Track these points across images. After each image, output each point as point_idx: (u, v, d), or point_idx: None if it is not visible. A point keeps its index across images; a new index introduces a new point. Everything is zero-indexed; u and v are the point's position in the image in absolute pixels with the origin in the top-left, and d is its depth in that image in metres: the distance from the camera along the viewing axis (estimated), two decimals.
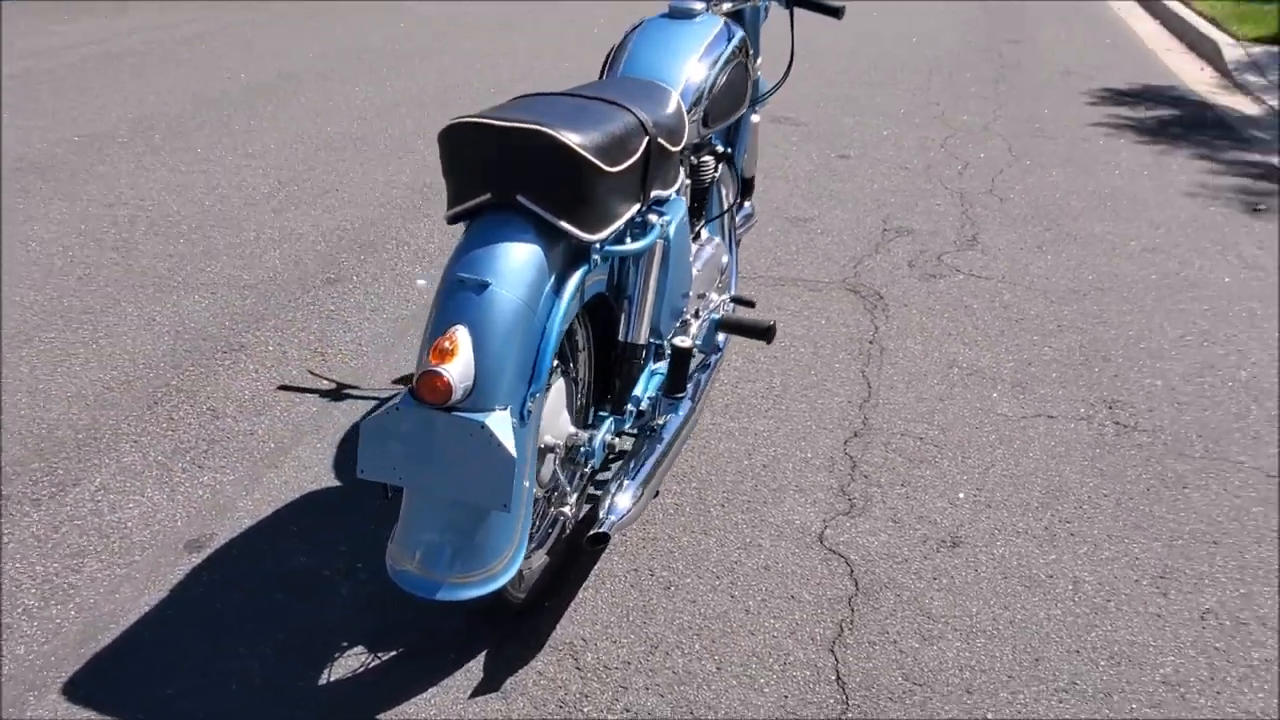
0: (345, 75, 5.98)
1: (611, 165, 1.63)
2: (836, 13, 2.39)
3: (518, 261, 1.57)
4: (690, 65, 2.15)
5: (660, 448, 1.91)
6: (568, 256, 1.68)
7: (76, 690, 1.70)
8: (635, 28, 2.30)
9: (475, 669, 1.78)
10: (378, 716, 1.68)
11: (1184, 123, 5.54)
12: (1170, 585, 2.05)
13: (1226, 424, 2.63)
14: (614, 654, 1.83)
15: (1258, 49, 7.21)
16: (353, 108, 5.28)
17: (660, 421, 1.97)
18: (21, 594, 1.92)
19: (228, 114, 5.11)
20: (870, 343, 3.00)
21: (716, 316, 2.28)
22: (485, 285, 1.54)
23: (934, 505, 2.28)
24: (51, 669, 1.75)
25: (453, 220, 1.67)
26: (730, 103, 2.29)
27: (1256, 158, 4.94)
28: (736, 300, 2.55)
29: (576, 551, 2.01)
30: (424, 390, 1.48)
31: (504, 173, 1.60)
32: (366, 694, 1.73)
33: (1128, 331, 3.11)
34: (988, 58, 7.02)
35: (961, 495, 2.32)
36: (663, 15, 2.32)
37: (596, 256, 1.71)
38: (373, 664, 1.79)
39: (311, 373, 2.73)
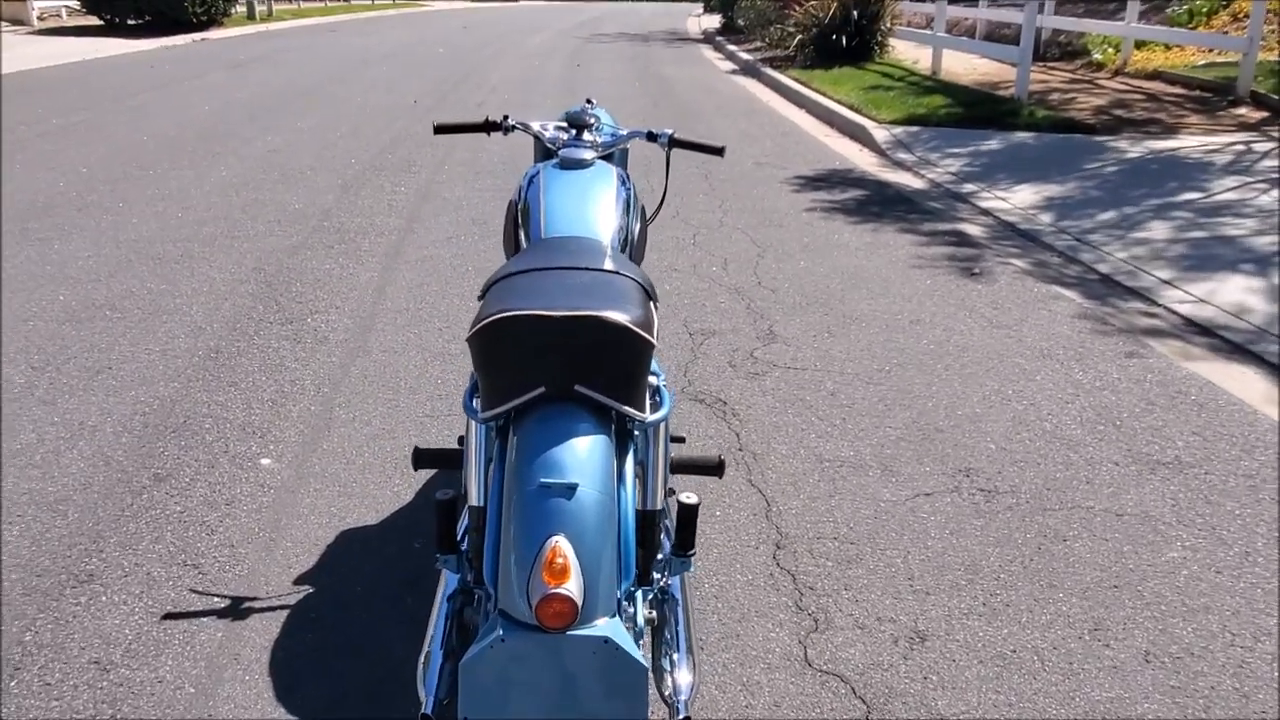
0: (32, 235, 5.27)
1: (652, 337, 1.56)
2: (719, 151, 2.45)
3: (592, 455, 1.46)
4: (610, 218, 2.11)
5: (682, 609, 1.83)
6: (620, 437, 1.58)
7: None
8: (531, 180, 2.23)
9: None
10: None
11: (876, 201, 6.19)
12: (1108, 636, 2.24)
13: (1060, 474, 2.93)
14: None
15: (898, 129, 8.23)
16: (71, 268, 4.66)
17: (670, 582, 1.89)
18: None
19: None
20: (740, 451, 3.06)
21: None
22: (573, 488, 1.41)
23: (883, 603, 2.35)
24: None
25: (493, 418, 1.53)
26: (643, 245, 2.28)
27: (945, 226, 5.62)
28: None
29: None
30: (548, 616, 1.32)
31: (558, 363, 1.49)
32: None
33: (941, 402, 3.40)
34: (684, 156, 7.47)
35: (899, 588, 2.41)
36: (555, 166, 2.27)
37: (638, 432, 1.63)
38: None
39: (195, 591, 2.34)
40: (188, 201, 5.94)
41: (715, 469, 2.21)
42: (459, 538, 1.81)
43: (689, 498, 1.85)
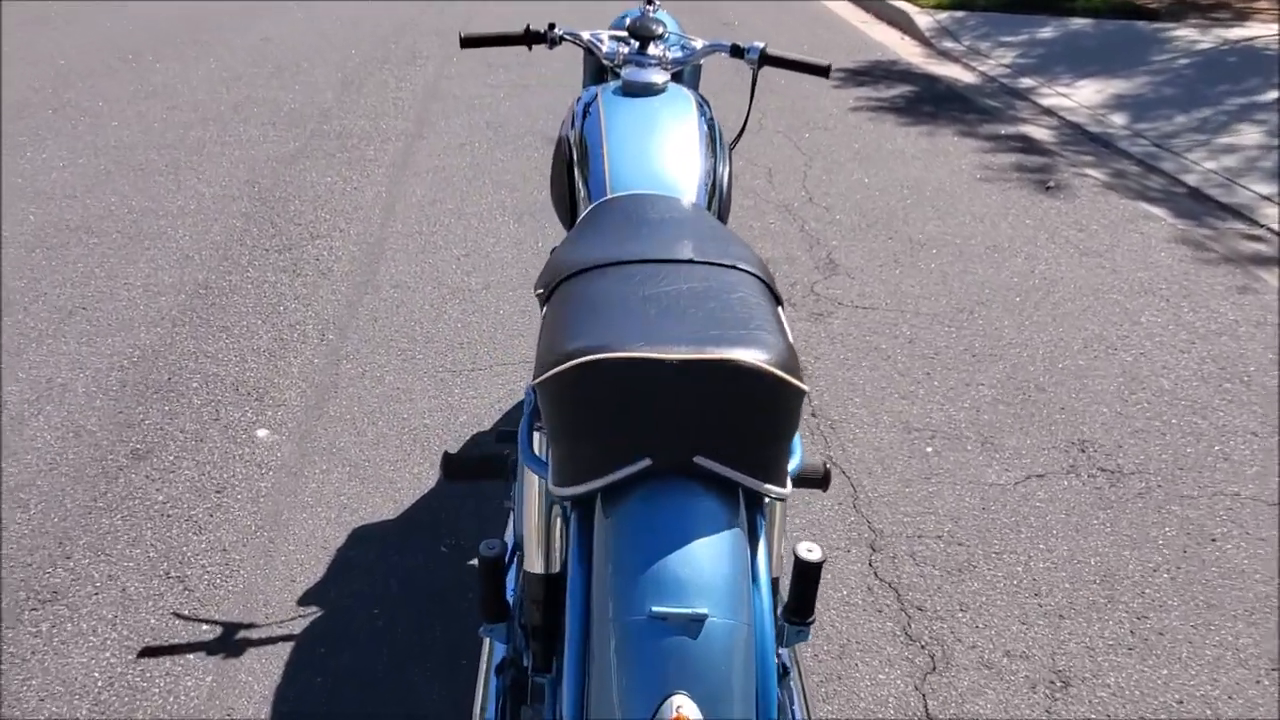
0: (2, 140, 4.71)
1: (802, 380, 1.07)
2: (824, 71, 1.91)
3: (722, 562, 0.99)
4: (693, 163, 1.60)
5: (799, 688, 1.40)
6: (750, 521, 1.11)
7: None
8: (587, 110, 1.71)
9: None
10: None
11: (926, 99, 5.56)
12: None
13: (1191, 448, 2.47)
14: None
15: (942, 15, 7.49)
16: (43, 181, 4.12)
17: (781, 653, 1.44)
18: None
19: None
20: (814, 416, 2.59)
21: None
22: (700, 620, 0.94)
23: (1010, 630, 1.92)
24: None
25: (574, 496, 1.06)
26: (730, 194, 1.77)
27: (1007, 129, 5.02)
28: None
29: None
30: None
31: (673, 426, 1.01)
32: None
33: (1037, 351, 2.91)
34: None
35: (1026, 608, 1.97)
36: (616, 91, 1.74)
37: (769, 499, 1.16)
38: None
39: (179, 616, 1.92)
40: (174, 99, 5.33)
41: (820, 482, 1.75)
42: (509, 601, 1.37)
43: (810, 551, 1.38)
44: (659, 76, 1.74)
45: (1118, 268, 3.46)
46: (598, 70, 2.05)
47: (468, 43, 1.90)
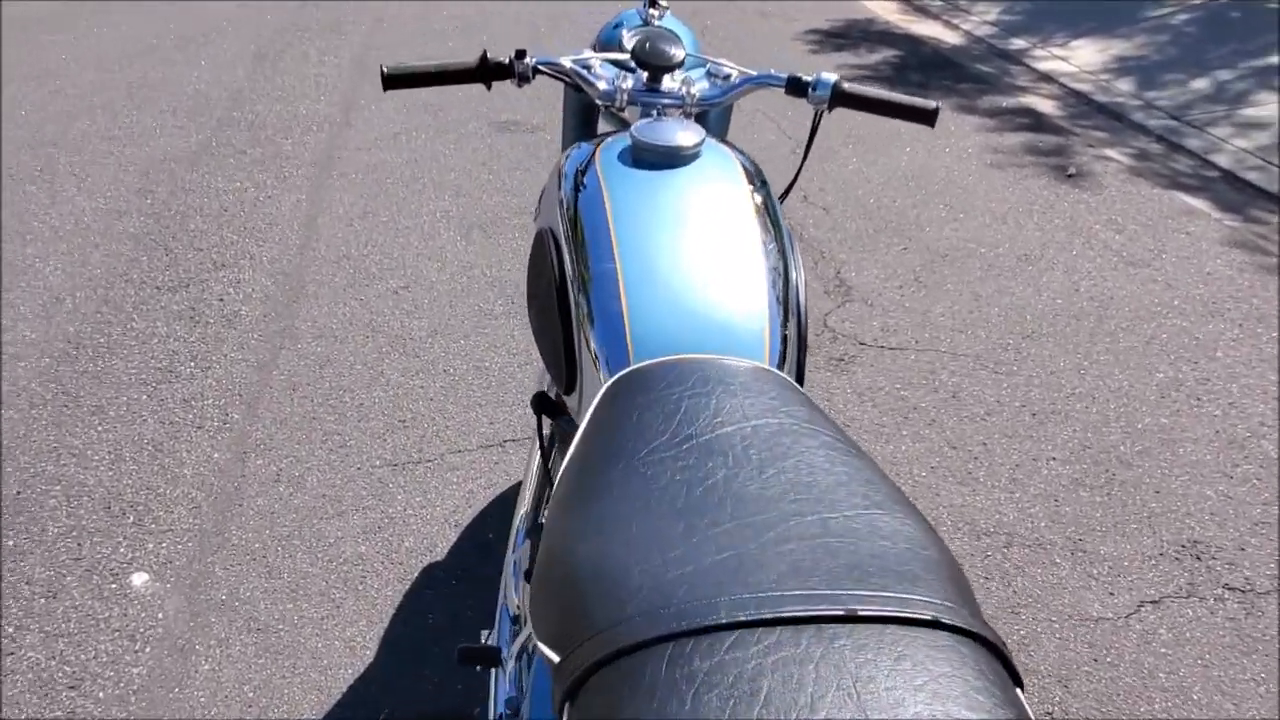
0: None
1: None
2: (928, 117, 1.29)
3: None
4: (757, 284, 1.00)
5: None
6: None
7: None
8: (580, 185, 1.08)
9: None
10: None
11: (913, 65, 4.94)
12: None
13: None
14: None
15: None
16: None
17: None
18: None
19: None
20: None
21: None
22: None
23: None
24: None
25: None
26: (807, 309, 1.15)
27: (1008, 101, 4.43)
28: None
29: None
30: None
31: None
32: None
33: (1108, 406, 2.36)
34: (683, 9, 6.07)
35: None
36: (623, 156, 1.11)
37: None
38: None
39: None
40: (58, 81, 4.51)
41: None
42: None
43: None
44: (689, 136, 1.10)
45: (1172, 281, 2.91)
46: (583, 111, 1.41)
47: (394, 82, 1.24)
